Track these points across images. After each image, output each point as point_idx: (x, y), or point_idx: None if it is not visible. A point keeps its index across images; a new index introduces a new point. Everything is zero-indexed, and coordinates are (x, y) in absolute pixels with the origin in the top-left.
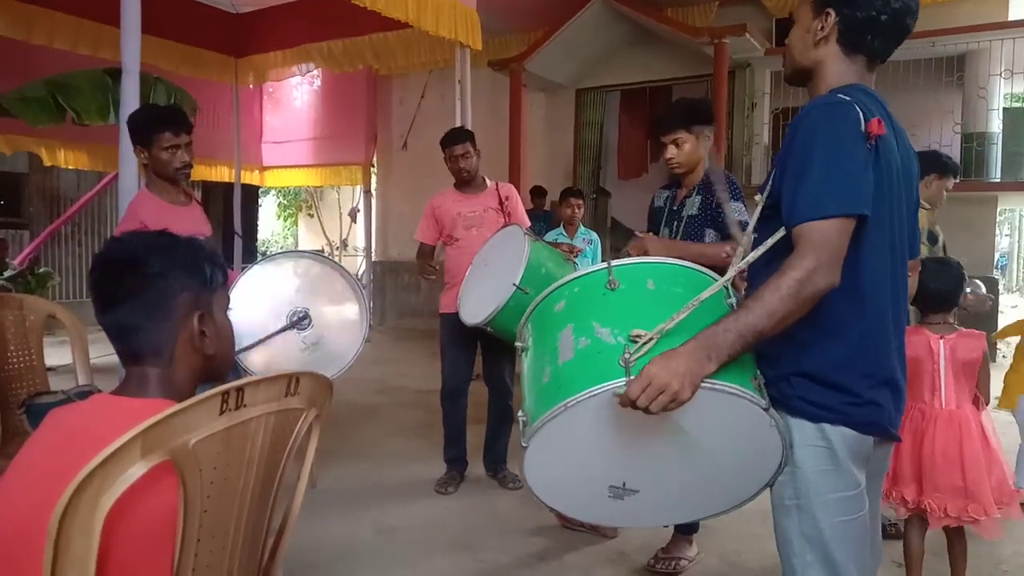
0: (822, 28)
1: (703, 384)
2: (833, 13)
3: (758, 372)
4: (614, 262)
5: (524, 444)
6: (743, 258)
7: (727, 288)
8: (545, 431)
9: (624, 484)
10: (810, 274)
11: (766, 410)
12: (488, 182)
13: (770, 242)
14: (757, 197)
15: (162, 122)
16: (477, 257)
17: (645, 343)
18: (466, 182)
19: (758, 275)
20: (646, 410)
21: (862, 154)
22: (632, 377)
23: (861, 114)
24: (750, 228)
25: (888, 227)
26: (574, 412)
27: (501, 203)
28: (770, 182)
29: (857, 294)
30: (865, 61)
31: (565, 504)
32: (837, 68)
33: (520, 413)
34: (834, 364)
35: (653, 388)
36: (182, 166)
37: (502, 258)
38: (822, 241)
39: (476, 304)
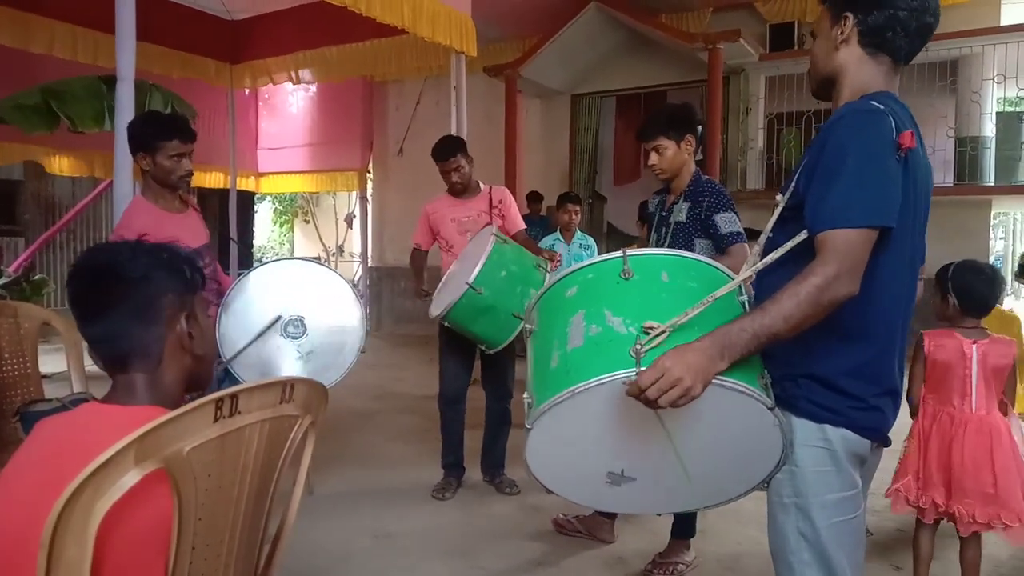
0: (841, 32)
1: (713, 380)
2: (851, 16)
3: (765, 371)
4: (629, 251)
5: (528, 426)
6: (759, 258)
7: (740, 286)
8: (550, 415)
9: (623, 472)
10: (831, 281)
11: (771, 409)
12: (482, 186)
13: (790, 244)
14: (778, 198)
15: (170, 130)
16: (461, 254)
17: (657, 335)
18: (455, 194)
19: (769, 276)
20: (654, 403)
21: (893, 165)
22: (643, 368)
23: (894, 124)
24: (767, 228)
25: (909, 239)
26: (581, 398)
27: (492, 207)
28: (792, 184)
29: (873, 304)
30: (890, 62)
31: (563, 487)
32: (863, 71)
33: (525, 395)
34: (844, 370)
35: (665, 381)
36: (185, 174)
37: (472, 257)
38: (846, 250)
39: (441, 299)
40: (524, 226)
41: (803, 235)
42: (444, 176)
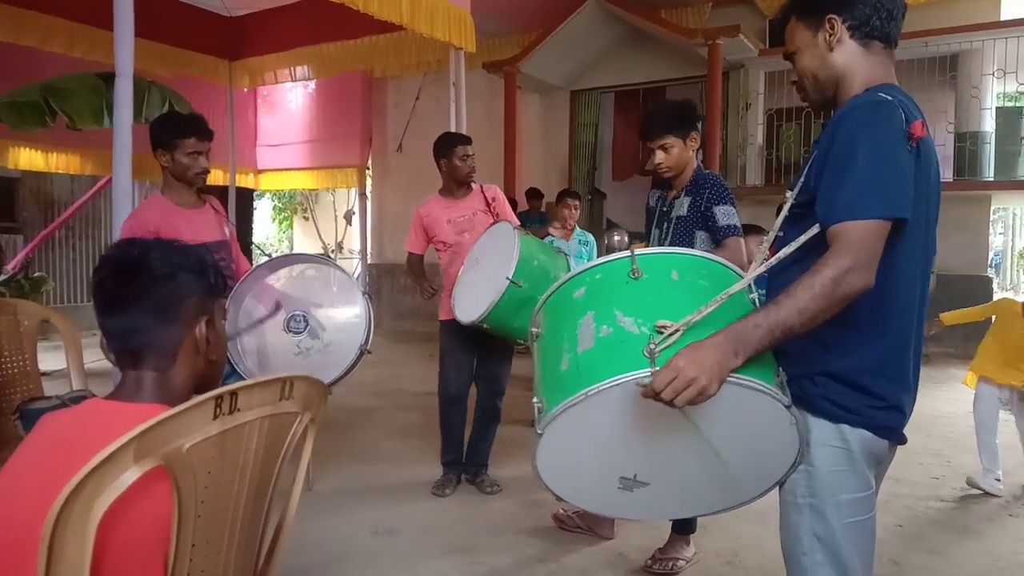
0: (830, 35)
1: (728, 378)
2: (837, 17)
3: (780, 369)
4: (637, 251)
5: (539, 432)
6: (767, 255)
7: (750, 284)
8: (562, 419)
9: (635, 476)
10: (846, 273)
11: (788, 407)
12: (472, 185)
13: (803, 238)
14: (788, 194)
15: (188, 129)
16: (468, 256)
17: (671, 334)
18: (463, 183)
19: (781, 274)
20: (670, 403)
21: (905, 156)
22: (657, 368)
23: (904, 115)
24: (776, 226)
25: (923, 230)
26: (594, 401)
27: (488, 204)
28: (802, 179)
29: (890, 297)
30: (882, 48)
31: (572, 493)
32: (865, 64)
33: (535, 400)
34: (862, 367)
35: (680, 381)
36: (201, 171)
37: (494, 254)
38: (860, 242)
39: (472, 302)
40: (518, 222)
41: (815, 228)
42: (457, 167)
